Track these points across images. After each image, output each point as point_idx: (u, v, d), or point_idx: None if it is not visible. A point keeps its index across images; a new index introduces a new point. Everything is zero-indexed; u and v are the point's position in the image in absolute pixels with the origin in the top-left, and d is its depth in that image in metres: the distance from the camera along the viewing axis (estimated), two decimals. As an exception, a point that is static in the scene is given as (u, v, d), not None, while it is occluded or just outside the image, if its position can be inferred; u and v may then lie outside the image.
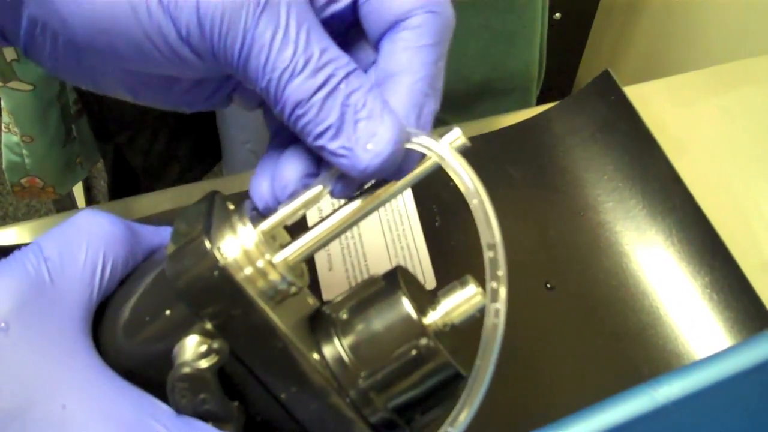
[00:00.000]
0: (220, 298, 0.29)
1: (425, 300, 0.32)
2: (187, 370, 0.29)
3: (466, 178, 0.28)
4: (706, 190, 0.56)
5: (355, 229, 0.54)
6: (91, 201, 1.28)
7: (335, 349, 0.31)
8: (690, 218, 0.55)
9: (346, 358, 0.31)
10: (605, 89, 0.60)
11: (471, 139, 0.57)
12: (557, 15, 1.31)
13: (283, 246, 0.30)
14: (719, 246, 0.53)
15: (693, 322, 0.51)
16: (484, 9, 0.69)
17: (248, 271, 0.29)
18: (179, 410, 0.30)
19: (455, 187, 0.43)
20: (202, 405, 0.30)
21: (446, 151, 0.29)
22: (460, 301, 0.31)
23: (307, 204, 0.31)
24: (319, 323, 0.32)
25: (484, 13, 0.69)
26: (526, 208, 0.56)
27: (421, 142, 0.29)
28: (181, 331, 0.30)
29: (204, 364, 0.29)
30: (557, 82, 1.32)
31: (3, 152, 0.71)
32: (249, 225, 0.30)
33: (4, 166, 0.71)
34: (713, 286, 0.52)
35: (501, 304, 0.27)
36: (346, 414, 0.30)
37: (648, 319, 0.52)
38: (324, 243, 0.31)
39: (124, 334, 0.31)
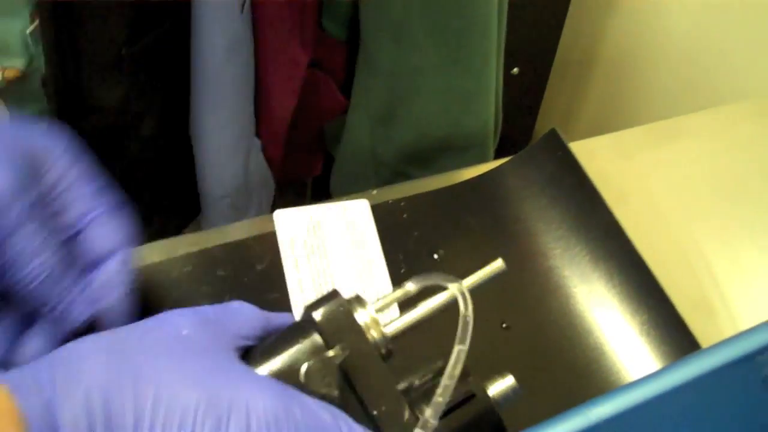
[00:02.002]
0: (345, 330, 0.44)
1: None
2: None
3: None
4: (646, 235, 0.62)
5: (328, 272, 0.59)
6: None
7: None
8: (628, 262, 0.61)
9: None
10: (552, 146, 0.67)
11: (433, 192, 0.63)
12: (515, 70, 1.39)
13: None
14: (655, 287, 0.59)
15: (633, 356, 0.57)
16: (445, 70, 0.75)
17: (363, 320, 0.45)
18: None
19: (419, 236, 0.51)
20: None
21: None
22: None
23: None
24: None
25: (444, 74, 0.75)
26: (484, 253, 0.62)
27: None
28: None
29: (331, 353, 0.44)
30: (516, 134, 1.39)
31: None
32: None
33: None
34: (650, 323, 0.58)
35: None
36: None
37: (593, 354, 0.57)
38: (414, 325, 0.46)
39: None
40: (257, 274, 0.60)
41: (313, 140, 0.91)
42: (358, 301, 0.47)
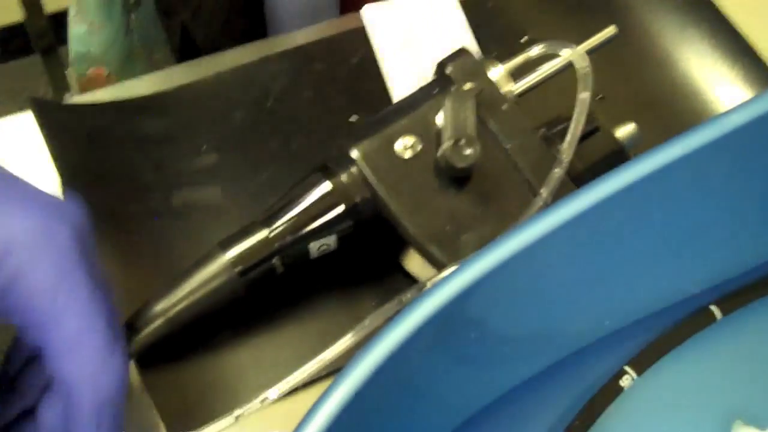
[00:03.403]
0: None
1: None
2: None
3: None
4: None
5: (423, 59, 0.60)
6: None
7: None
8: (717, 26, 0.62)
9: None
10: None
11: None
12: None
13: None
14: (744, 46, 0.60)
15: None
16: None
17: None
18: None
19: (506, 23, 0.52)
20: None
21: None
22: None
23: None
24: None
25: None
26: (575, 32, 0.63)
27: None
28: None
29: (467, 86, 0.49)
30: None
31: (70, 45, 0.76)
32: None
33: (71, 57, 0.77)
34: (743, 78, 0.59)
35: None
36: None
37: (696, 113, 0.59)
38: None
39: None
40: (353, 66, 0.61)
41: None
42: (487, 61, 0.49)
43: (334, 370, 0.43)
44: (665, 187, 0.41)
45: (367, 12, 0.62)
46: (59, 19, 0.76)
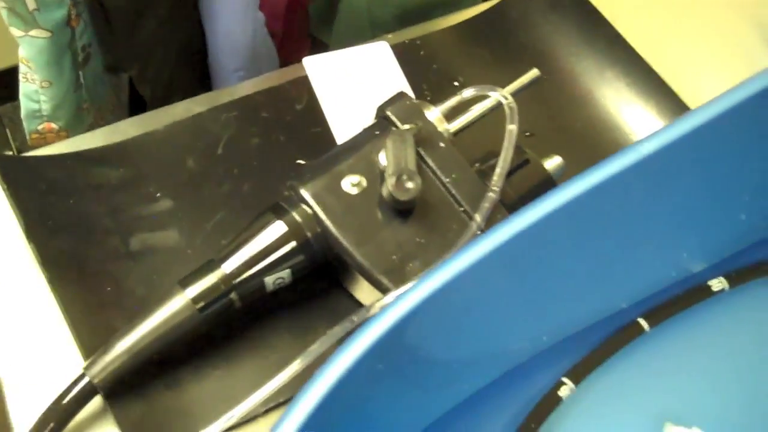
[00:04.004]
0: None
1: None
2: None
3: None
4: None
5: (362, 103, 0.64)
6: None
7: None
8: (633, 66, 0.67)
9: None
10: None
11: (445, 29, 0.68)
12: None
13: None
14: (659, 82, 0.65)
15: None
16: None
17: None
18: None
19: (438, 68, 0.57)
20: None
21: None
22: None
23: None
24: None
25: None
26: (501, 77, 0.67)
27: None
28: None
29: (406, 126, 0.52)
30: None
31: (22, 102, 0.78)
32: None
33: (23, 114, 0.79)
34: (658, 112, 0.65)
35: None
36: None
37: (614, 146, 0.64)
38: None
39: None
40: (298, 113, 0.65)
41: (304, 23, 0.96)
42: (424, 104, 0.53)
43: (287, 400, 0.46)
44: (591, 210, 0.45)
45: (308, 62, 0.66)
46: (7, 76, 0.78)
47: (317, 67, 0.66)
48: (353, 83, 0.65)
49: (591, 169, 0.44)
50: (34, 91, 0.76)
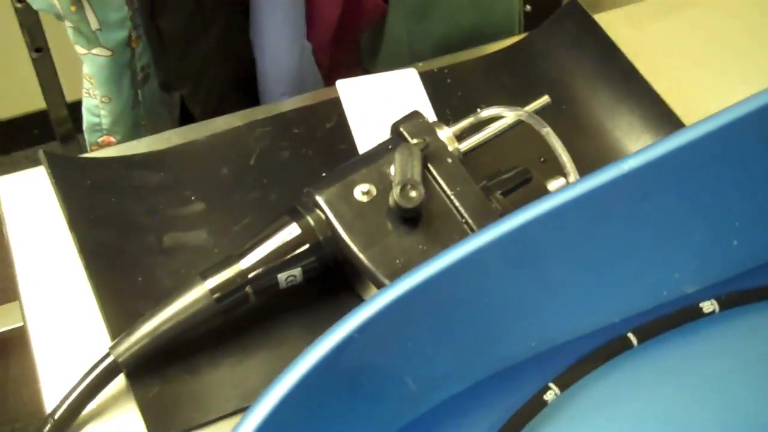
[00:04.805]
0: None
1: None
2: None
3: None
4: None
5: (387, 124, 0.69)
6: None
7: None
8: (648, 100, 0.70)
9: None
10: (573, 13, 0.76)
11: (472, 60, 0.72)
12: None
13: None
14: (671, 116, 0.68)
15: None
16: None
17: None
18: None
19: (462, 95, 0.62)
20: None
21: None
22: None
23: None
24: None
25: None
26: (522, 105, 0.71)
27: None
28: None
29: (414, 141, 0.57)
30: (542, 13, 1.46)
31: (84, 115, 0.85)
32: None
33: (84, 127, 0.86)
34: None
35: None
36: None
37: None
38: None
39: None
40: (327, 130, 0.70)
41: (352, 53, 1.01)
42: (438, 123, 0.58)
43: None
44: (579, 219, 0.48)
45: (341, 85, 0.71)
46: (78, 108, 0.85)
47: (349, 90, 0.71)
48: (380, 105, 0.70)
49: (581, 180, 0.48)
50: (95, 106, 0.83)
